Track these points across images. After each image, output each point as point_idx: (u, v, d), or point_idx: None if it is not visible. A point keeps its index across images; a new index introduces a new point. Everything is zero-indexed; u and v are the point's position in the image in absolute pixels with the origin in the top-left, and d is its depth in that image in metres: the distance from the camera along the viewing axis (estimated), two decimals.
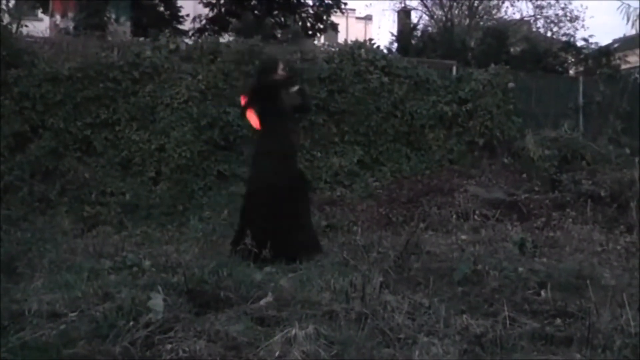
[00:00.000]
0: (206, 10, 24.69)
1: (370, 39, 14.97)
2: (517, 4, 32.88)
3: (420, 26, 27.88)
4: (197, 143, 11.87)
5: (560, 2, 32.13)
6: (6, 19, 15.95)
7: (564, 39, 27.36)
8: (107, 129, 11.86)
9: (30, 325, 4.12)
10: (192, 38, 20.58)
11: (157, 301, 4.38)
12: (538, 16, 32.96)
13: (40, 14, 24.47)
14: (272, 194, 7.30)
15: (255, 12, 22.62)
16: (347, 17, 38.16)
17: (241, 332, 4.10)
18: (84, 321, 4.18)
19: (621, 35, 29.50)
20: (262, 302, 4.76)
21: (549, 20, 32.63)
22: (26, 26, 15.37)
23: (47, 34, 17.01)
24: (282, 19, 23.24)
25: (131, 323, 4.06)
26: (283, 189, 7.32)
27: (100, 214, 10.97)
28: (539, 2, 32.52)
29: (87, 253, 7.58)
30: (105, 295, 4.68)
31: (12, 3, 19.42)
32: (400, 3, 32.54)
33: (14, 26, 14.45)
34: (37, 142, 11.42)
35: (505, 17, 33.17)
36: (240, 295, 4.88)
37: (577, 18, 31.91)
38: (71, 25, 18.11)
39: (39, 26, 18.26)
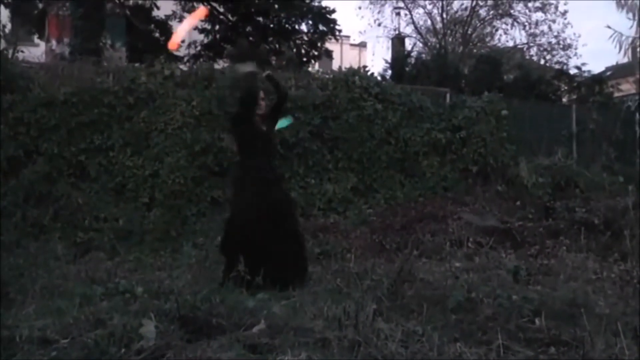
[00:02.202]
0: (201, 37, 24.82)
1: (365, 66, 15.06)
2: (510, 31, 32.99)
3: (414, 53, 27.95)
4: (191, 169, 11.87)
5: (554, 30, 32.35)
6: (2, 44, 16.02)
7: (557, 66, 27.57)
8: (101, 154, 11.86)
9: (21, 352, 4.09)
10: (187, 64, 20.71)
11: (149, 328, 4.35)
12: (531, 44, 33.19)
13: (36, 39, 24.59)
14: (255, 219, 7.26)
15: (250, 38, 22.73)
16: (341, 44, 38.42)
17: (233, 359, 4.08)
18: (75, 348, 4.15)
19: (614, 63, 29.72)
20: (254, 329, 4.73)
21: (542, 48, 32.87)
22: (22, 51, 15.42)
23: (42, 59, 17.08)
24: (277, 46, 23.37)
25: (123, 350, 4.03)
26: (265, 214, 7.29)
27: (94, 239, 10.94)
28: (532, 30, 32.75)
29: (80, 279, 7.56)
30: (97, 321, 4.64)
31: (8, 28, 19.51)
32: (394, 30, 32.73)
33: (10, 51, 14.49)
34: (31, 167, 11.41)
35: (499, 44, 33.39)
36: (232, 322, 4.85)
37: (570, 46, 32.16)
38: (67, 50, 18.20)
39: (35, 51, 18.35)
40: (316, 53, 24.50)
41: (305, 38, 24.52)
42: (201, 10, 9.02)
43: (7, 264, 8.17)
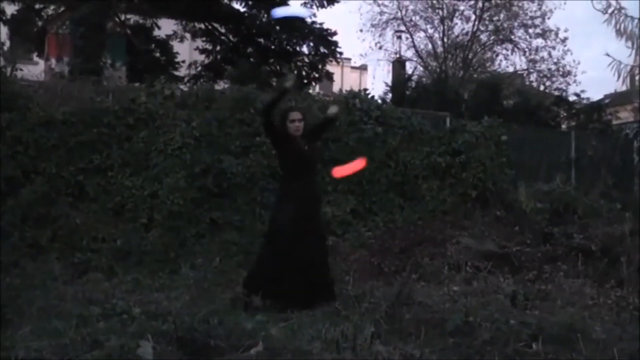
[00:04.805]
0: (202, 57, 24.93)
1: (365, 89, 15.09)
2: (510, 57, 33.16)
3: (414, 77, 28.10)
4: (191, 190, 11.84)
5: (553, 57, 32.53)
6: (1, 62, 16.04)
7: (556, 93, 27.69)
8: (100, 174, 11.82)
9: None
10: (188, 84, 20.75)
11: (147, 349, 4.34)
12: (531, 70, 33.37)
13: (35, 58, 24.64)
14: (295, 240, 7.40)
15: (251, 59, 22.83)
16: (342, 66, 38.55)
17: None
18: None
19: (612, 91, 29.82)
20: (252, 351, 4.73)
21: (541, 75, 33.05)
22: (21, 70, 15.43)
23: (42, 77, 17.10)
24: (278, 67, 23.46)
25: None
26: (306, 235, 7.45)
27: (91, 260, 10.87)
28: (532, 57, 32.92)
29: (77, 300, 7.53)
30: (94, 342, 4.64)
31: (7, 46, 19.54)
32: (395, 54, 32.87)
33: (9, 69, 14.50)
34: (29, 186, 11.34)
35: (499, 70, 33.54)
36: (230, 343, 4.84)
37: (569, 73, 32.36)
38: (66, 69, 18.23)
39: (34, 70, 18.36)
40: (317, 75, 24.59)
41: (306, 60, 24.61)
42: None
43: (4, 284, 8.14)
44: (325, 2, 23.64)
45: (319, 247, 7.83)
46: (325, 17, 42.82)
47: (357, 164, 8.33)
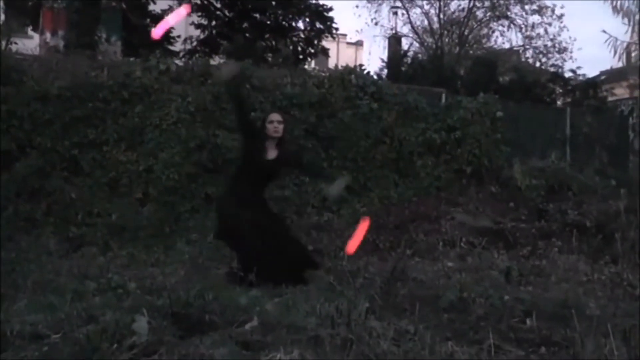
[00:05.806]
0: (197, 32, 24.78)
1: (361, 65, 15.04)
2: (506, 33, 32.99)
3: (410, 53, 27.99)
4: (185, 165, 11.85)
5: (550, 33, 32.38)
6: None
7: (552, 69, 27.58)
8: (95, 149, 11.81)
9: (12, 347, 4.07)
10: (183, 59, 20.63)
11: (142, 324, 4.33)
12: (527, 46, 33.19)
13: (30, 31, 24.47)
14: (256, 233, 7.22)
15: (247, 35, 22.70)
16: (338, 42, 38.36)
17: (226, 356, 4.07)
18: (67, 343, 4.13)
19: (608, 67, 29.78)
20: (247, 326, 4.73)
21: (537, 51, 32.86)
22: (15, 43, 15.33)
23: (36, 51, 16.99)
24: (273, 43, 23.33)
25: (115, 346, 4.02)
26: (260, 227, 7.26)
27: (86, 234, 10.89)
28: (528, 33, 32.77)
29: (72, 274, 7.53)
30: (89, 317, 4.63)
31: (1, 20, 19.40)
32: (391, 29, 32.72)
33: (3, 43, 14.42)
34: (24, 161, 11.34)
35: (495, 46, 33.40)
36: (225, 319, 4.84)
37: (565, 49, 32.16)
38: (61, 43, 18.09)
39: (29, 44, 18.23)
40: (312, 51, 24.49)
41: (302, 36, 24.51)
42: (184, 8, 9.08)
43: None
44: None
45: (278, 229, 7.53)
46: None
47: (362, 227, 7.97)
